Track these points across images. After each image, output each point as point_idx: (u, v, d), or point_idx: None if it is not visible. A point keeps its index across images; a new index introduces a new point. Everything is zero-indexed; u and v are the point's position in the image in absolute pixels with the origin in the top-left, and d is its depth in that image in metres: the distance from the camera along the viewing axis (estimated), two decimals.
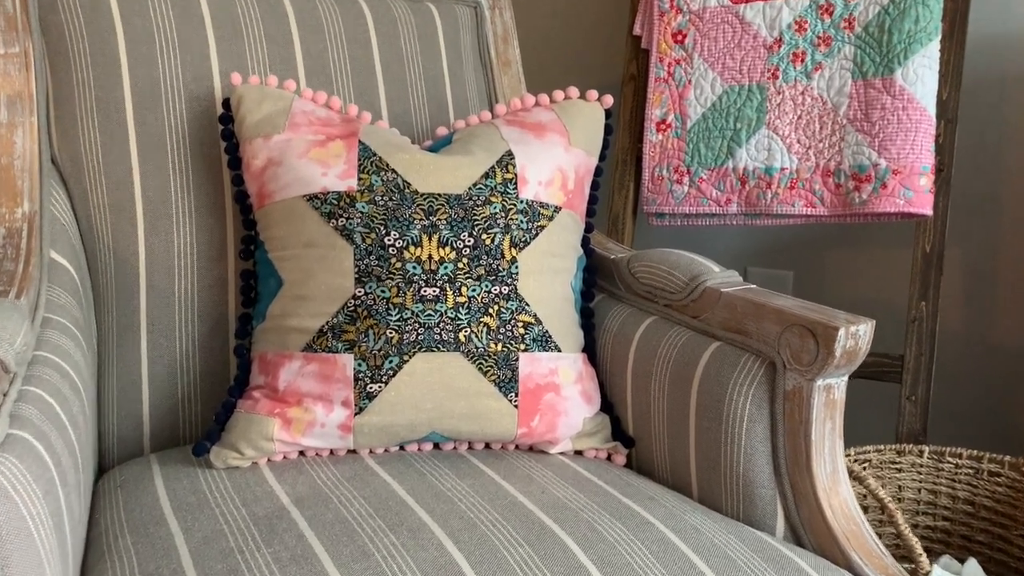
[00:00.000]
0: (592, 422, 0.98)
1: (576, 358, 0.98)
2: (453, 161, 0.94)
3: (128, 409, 1.01)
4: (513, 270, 0.93)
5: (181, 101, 1.03)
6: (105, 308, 1.01)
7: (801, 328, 0.84)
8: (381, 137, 0.96)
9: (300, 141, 0.94)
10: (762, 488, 0.87)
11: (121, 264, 1.01)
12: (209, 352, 1.03)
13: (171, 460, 0.95)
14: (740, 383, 0.88)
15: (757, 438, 0.87)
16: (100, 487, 0.93)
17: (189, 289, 1.02)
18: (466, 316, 0.91)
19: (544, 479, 0.89)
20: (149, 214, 1.00)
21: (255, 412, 0.90)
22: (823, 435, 0.85)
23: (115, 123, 1.00)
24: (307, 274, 0.91)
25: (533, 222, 0.95)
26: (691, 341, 0.94)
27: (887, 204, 1.29)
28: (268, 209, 0.95)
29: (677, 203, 1.44)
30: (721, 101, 1.40)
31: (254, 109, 0.96)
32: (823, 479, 0.85)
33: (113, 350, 1.01)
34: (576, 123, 1.03)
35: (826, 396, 0.84)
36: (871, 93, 1.30)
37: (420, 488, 0.85)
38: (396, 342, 0.89)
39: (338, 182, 0.92)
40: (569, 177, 1.00)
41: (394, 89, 1.14)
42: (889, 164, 1.28)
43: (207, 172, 1.03)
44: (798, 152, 1.35)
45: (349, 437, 0.90)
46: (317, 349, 0.90)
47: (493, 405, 0.92)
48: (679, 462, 0.94)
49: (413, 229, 0.91)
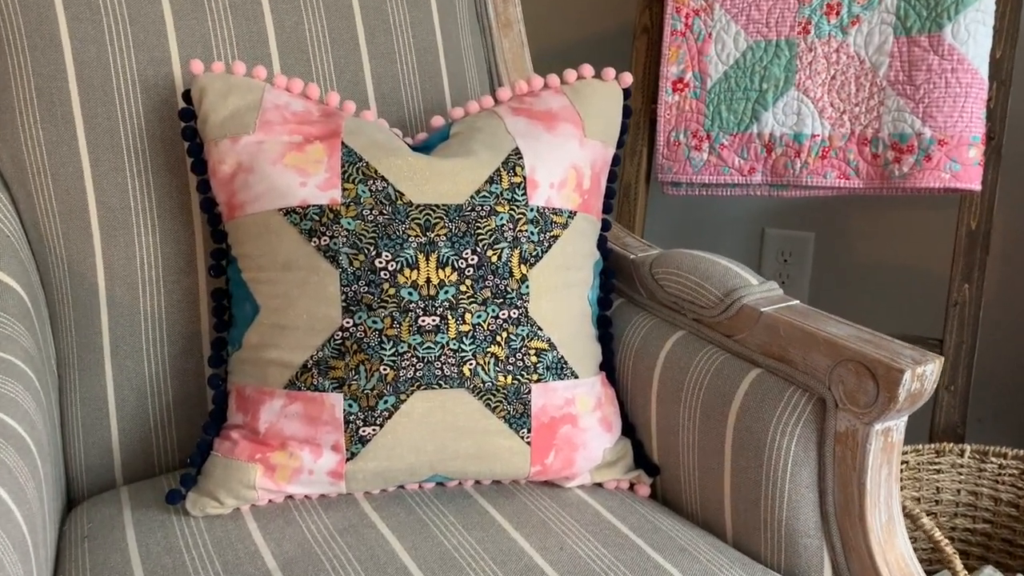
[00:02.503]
0: (613, 451, 0.88)
1: (594, 382, 0.87)
2: (452, 165, 0.81)
3: (95, 437, 0.91)
4: (523, 290, 0.81)
5: (136, 90, 0.89)
6: (63, 327, 0.90)
7: (858, 365, 0.73)
8: (367, 136, 0.82)
9: (274, 143, 0.81)
10: (807, 538, 0.78)
11: (77, 279, 0.89)
12: (182, 375, 0.92)
13: (144, 500, 0.86)
14: (784, 421, 0.78)
15: (803, 483, 0.77)
16: (67, 530, 0.84)
17: (156, 306, 0.90)
18: (471, 347, 0.79)
19: (561, 527, 0.79)
20: (106, 222, 0.88)
21: (234, 457, 0.80)
22: (879, 482, 0.75)
23: (60, 117, 0.87)
24: (286, 300, 0.79)
25: (545, 232, 0.83)
26: (727, 366, 0.83)
27: (931, 178, 1.17)
28: (240, 223, 0.82)
29: (695, 171, 1.32)
30: (745, 58, 1.27)
31: (219, 104, 0.82)
32: (877, 531, 0.75)
33: (75, 374, 0.90)
34: (591, 109, 0.89)
35: (884, 440, 0.74)
36: (915, 52, 1.17)
37: (423, 546, 0.76)
38: (391, 379, 0.78)
39: (319, 193, 0.79)
40: (584, 175, 0.87)
41: (381, 65, 1.00)
42: (934, 133, 1.16)
43: (170, 172, 0.90)
44: (831, 117, 1.22)
45: (341, 484, 0.80)
46: (301, 387, 0.79)
47: (503, 443, 0.81)
48: (711, 499, 0.84)
49: (408, 248, 0.79)
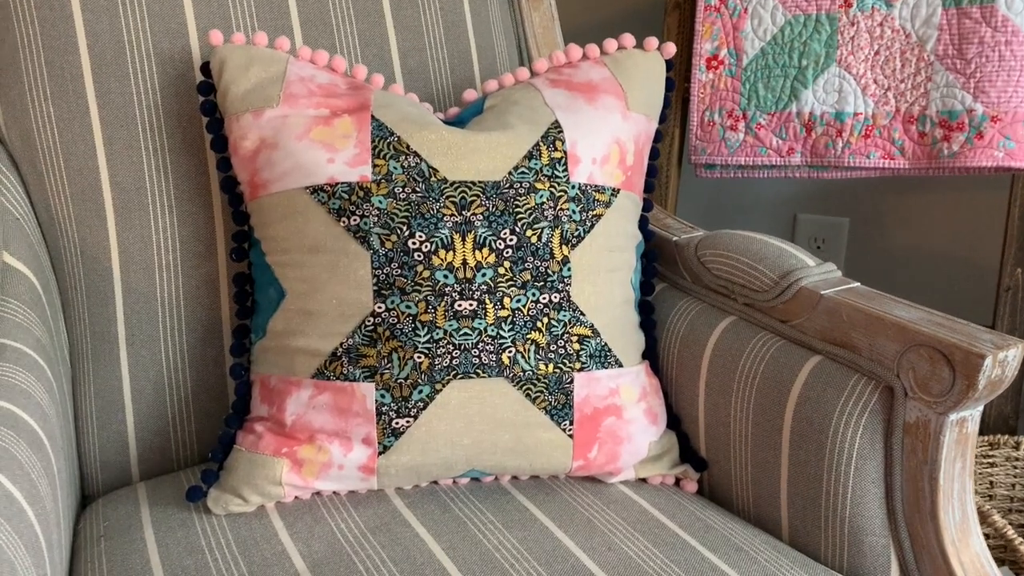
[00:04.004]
0: (658, 444, 0.82)
1: (639, 371, 0.82)
2: (488, 139, 0.76)
3: (111, 431, 0.86)
4: (565, 273, 0.76)
5: (151, 63, 0.84)
6: (76, 316, 0.86)
7: (931, 351, 0.67)
8: (398, 109, 0.77)
9: (299, 117, 0.76)
10: (872, 536, 0.72)
11: (91, 264, 0.84)
12: (201, 365, 0.87)
13: (163, 496, 0.81)
14: (848, 411, 0.72)
15: (868, 477, 0.72)
16: (82, 528, 0.80)
17: (173, 292, 0.86)
18: (510, 333, 0.74)
19: (607, 526, 0.74)
20: (120, 203, 0.83)
21: (259, 451, 0.75)
22: (952, 477, 0.69)
23: (71, 93, 0.82)
24: (314, 285, 0.74)
25: (587, 211, 0.78)
26: (783, 353, 0.78)
27: (983, 157, 1.11)
28: (263, 202, 0.77)
29: (731, 153, 1.26)
30: (783, 33, 1.21)
31: (240, 76, 0.77)
32: (951, 530, 0.70)
33: (89, 364, 0.86)
34: (634, 81, 0.84)
35: (958, 432, 0.69)
36: (966, 24, 1.11)
37: (461, 546, 0.71)
38: (426, 368, 0.73)
39: (348, 170, 0.74)
40: (628, 150, 0.82)
41: (407, 38, 0.94)
42: (987, 109, 1.10)
43: (188, 151, 0.85)
44: (875, 95, 1.17)
45: (372, 479, 0.75)
46: (330, 376, 0.74)
47: (544, 436, 0.76)
48: (766, 496, 0.79)
49: (443, 228, 0.73)
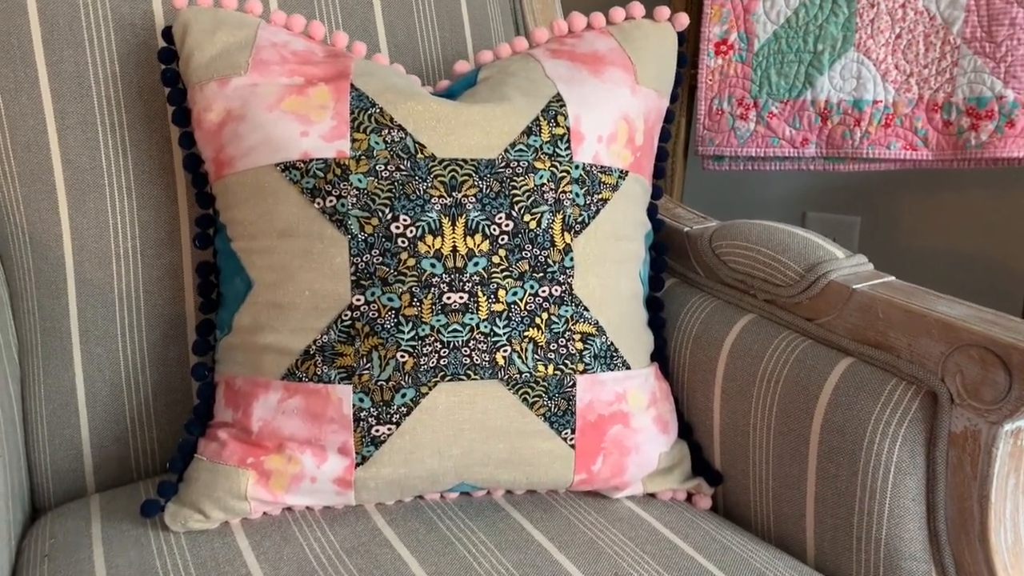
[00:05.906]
0: (669, 456, 0.74)
1: (648, 374, 0.74)
2: (482, 112, 0.68)
3: (63, 437, 0.78)
4: (567, 263, 0.68)
5: (109, 29, 0.76)
6: (25, 309, 0.77)
7: (983, 352, 0.59)
8: (381, 79, 0.69)
9: (270, 86, 0.67)
10: (912, 561, 0.64)
11: (41, 251, 0.76)
12: (163, 364, 0.79)
13: (117, 510, 0.74)
14: (885, 420, 0.64)
15: (908, 495, 0.64)
16: (26, 546, 0.72)
17: (132, 283, 0.78)
18: (505, 330, 0.66)
19: (613, 547, 0.66)
20: (73, 184, 0.75)
21: (221, 461, 0.67)
22: (1005, 494, 0.61)
23: (18, 60, 0.74)
24: (284, 274, 0.66)
25: (592, 195, 0.70)
26: (810, 355, 0.69)
27: (1013, 147, 1.04)
28: (229, 182, 0.69)
29: (741, 143, 1.19)
30: (798, 16, 1.14)
31: (205, 41, 0.69)
32: (1003, 554, 0.61)
33: (39, 363, 0.78)
34: (644, 53, 0.76)
35: (1012, 444, 0.61)
36: (996, 4, 1.05)
37: (448, 571, 0.63)
38: (410, 369, 0.65)
39: (324, 145, 0.66)
40: (637, 128, 0.74)
41: (394, 10, 0.86)
42: (1018, 96, 1.03)
43: (149, 126, 0.77)
44: (896, 81, 1.09)
45: (349, 493, 0.67)
46: (302, 377, 0.66)
47: (542, 446, 0.68)
48: (789, 514, 0.71)
49: (430, 211, 0.65)
